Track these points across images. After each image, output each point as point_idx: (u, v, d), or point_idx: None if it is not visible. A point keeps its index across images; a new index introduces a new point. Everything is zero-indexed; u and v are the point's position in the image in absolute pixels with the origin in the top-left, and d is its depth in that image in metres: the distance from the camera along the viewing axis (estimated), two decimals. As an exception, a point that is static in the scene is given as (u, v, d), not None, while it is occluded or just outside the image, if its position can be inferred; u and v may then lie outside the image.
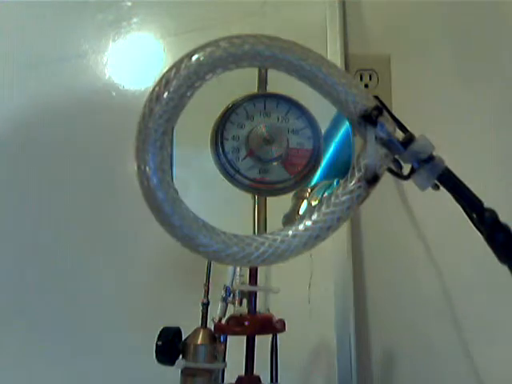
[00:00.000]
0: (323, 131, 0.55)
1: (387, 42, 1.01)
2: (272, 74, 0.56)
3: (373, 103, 0.46)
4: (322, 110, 0.54)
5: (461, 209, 0.46)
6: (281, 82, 0.52)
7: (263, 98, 0.54)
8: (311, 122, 0.54)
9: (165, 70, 0.45)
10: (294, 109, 0.54)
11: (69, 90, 0.96)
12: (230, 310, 0.64)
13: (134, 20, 0.98)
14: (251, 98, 0.54)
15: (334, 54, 0.96)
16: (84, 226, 0.94)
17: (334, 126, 0.55)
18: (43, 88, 0.96)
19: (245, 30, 0.46)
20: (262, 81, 0.56)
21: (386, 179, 0.48)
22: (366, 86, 0.99)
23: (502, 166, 0.97)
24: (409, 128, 0.47)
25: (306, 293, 0.91)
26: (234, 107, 0.53)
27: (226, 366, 0.64)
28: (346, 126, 0.54)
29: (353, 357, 0.90)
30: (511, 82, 0.98)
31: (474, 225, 0.45)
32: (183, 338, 0.62)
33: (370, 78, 1.00)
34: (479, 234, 0.45)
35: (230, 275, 0.64)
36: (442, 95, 0.99)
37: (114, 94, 0.96)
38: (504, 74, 0.99)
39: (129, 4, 0.98)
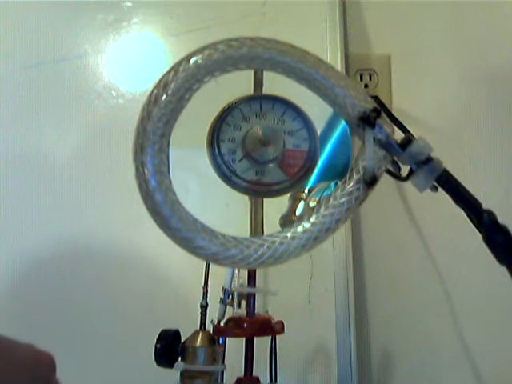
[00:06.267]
0: (319, 132, 0.55)
1: (387, 42, 1.01)
2: (268, 76, 0.55)
3: (371, 105, 0.46)
4: (318, 112, 0.53)
5: (461, 209, 0.46)
6: (276, 84, 0.52)
7: (259, 99, 0.54)
8: (307, 124, 0.54)
9: (165, 71, 0.45)
10: (289, 110, 0.53)
11: (69, 90, 0.96)
12: (229, 312, 0.64)
13: (134, 20, 0.98)
14: (247, 100, 0.53)
15: (333, 54, 0.95)
16: (79, 225, 0.93)
17: (330, 127, 0.55)
18: (43, 88, 0.96)
19: (245, 30, 0.46)
20: (258, 82, 0.56)
21: (386, 179, 0.48)
22: (366, 86, 0.99)
23: (501, 166, 0.97)
24: (408, 128, 0.47)
25: (306, 293, 0.91)
26: (229, 109, 0.53)
27: (225, 367, 0.64)
28: (342, 128, 0.54)
29: (353, 357, 0.90)
30: (511, 82, 0.98)
31: (474, 225, 0.45)
32: (182, 341, 0.62)
33: (370, 78, 1.00)
34: (479, 234, 0.45)
35: (229, 277, 0.64)
36: (442, 95, 0.99)
37: (113, 94, 0.96)
38: (504, 74, 0.99)
39: (129, 4, 0.98)
